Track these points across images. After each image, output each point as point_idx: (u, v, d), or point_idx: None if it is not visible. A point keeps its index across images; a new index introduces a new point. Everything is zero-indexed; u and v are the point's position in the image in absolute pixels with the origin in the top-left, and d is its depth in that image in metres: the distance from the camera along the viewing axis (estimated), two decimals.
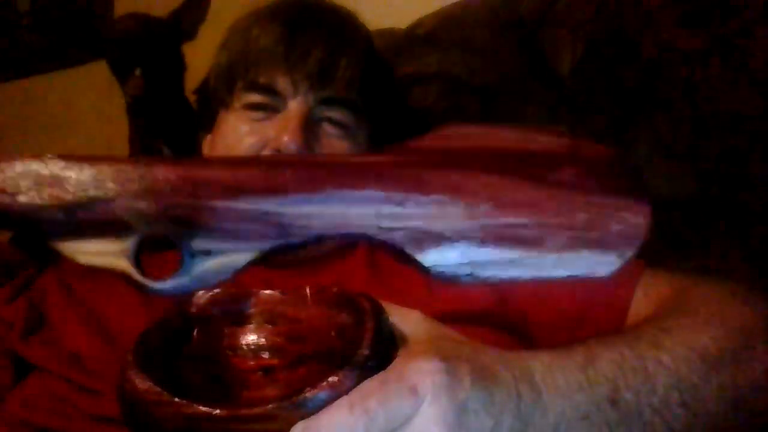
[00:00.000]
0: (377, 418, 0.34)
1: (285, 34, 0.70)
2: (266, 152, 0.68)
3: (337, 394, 0.35)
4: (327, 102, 0.69)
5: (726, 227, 0.71)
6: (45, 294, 0.68)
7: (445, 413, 0.35)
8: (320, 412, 0.34)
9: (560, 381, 0.41)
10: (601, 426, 0.41)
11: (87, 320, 0.65)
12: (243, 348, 0.45)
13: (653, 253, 0.68)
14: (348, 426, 0.34)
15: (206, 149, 0.78)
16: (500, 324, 0.58)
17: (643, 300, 0.59)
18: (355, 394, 0.35)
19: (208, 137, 0.77)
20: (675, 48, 0.75)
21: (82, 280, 0.69)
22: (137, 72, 0.97)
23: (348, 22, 0.75)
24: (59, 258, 0.35)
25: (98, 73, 1.63)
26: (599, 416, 0.41)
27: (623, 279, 0.60)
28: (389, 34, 0.97)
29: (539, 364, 0.41)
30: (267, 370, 0.44)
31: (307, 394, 0.35)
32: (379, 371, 0.36)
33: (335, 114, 0.70)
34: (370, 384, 0.35)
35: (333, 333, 0.44)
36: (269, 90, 0.69)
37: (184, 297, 0.45)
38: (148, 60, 0.98)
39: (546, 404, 0.39)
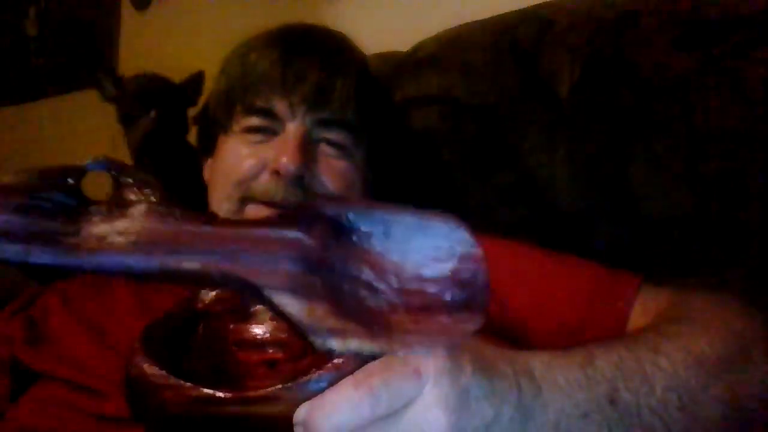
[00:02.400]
0: (381, 397, 0.34)
1: (281, 59, 0.71)
2: (265, 174, 0.69)
3: (342, 375, 0.35)
4: (324, 123, 0.71)
5: (724, 245, 0.71)
6: (47, 311, 0.70)
7: (447, 396, 0.36)
8: (325, 391, 0.35)
9: (560, 379, 0.41)
10: (600, 425, 0.41)
11: (90, 333, 0.66)
12: (248, 343, 0.45)
13: (652, 271, 0.70)
14: (352, 404, 0.34)
15: (207, 174, 0.79)
16: (499, 333, 0.59)
17: (641, 314, 0.60)
18: (359, 374, 0.35)
19: (209, 161, 0.78)
20: (671, 69, 0.76)
21: (85, 295, 0.71)
22: (152, 113, 1.05)
23: (343, 46, 0.77)
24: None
25: None
26: (599, 415, 0.41)
27: (622, 292, 0.61)
28: (390, 57, 0.98)
29: (539, 362, 0.41)
30: (271, 364, 0.44)
31: (312, 376, 0.35)
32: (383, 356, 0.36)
33: (332, 135, 0.71)
34: (374, 365, 0.35)
35: None
36: (267, 113, 0.71)
37: (190, 294, 0.46)
38: (161, 107, 1.07)
39: (546, 401, 0.40)
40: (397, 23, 1.12)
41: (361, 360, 0.36)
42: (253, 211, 0.70)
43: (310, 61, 0.71)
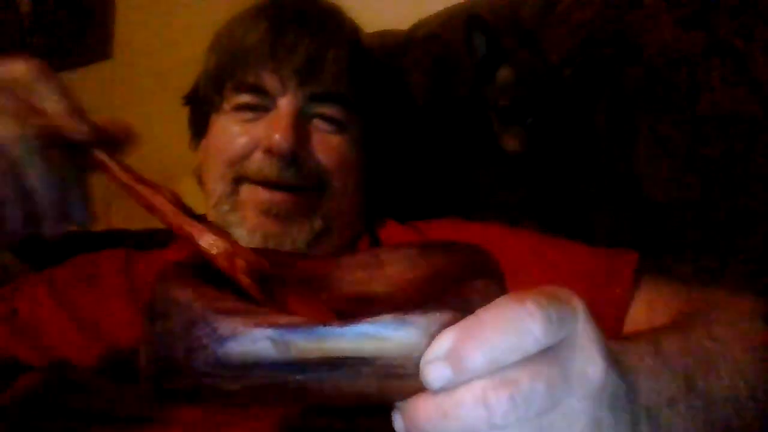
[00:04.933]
0: (552, 315, 0.27)
1: (270, 32, 0.69)
2: (258, 152, 0.68)
3: (485, 301, 0.27)
4: (316, 98, 0.69)
5: (727, 229, 0.71)
6: (33, 301, 0.69)
7: (597, 337, 0.30)
8: (476, 311, 0.27)
9: (637, 361, 0.37)
10: (685, 415, 0.37)
11: (78, 323, 0.65)
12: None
13: (654, 255, 0.69)
14: (522, 320, 0.27)
15: (201, 155, 0.78)
16: None
17: (645, 307, 0.59)
18: (514, 293, 0.28)
19: (203, 142, 0.76)
20: (675, 50, 0.75)
21: (74, 284, 0.70)
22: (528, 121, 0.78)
23: (333, 17, 0.75)
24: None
25: (100, 75, 1.64)
26: (683, 403, 0.37)
27: (619, 277, 0.60)
28: (391, 35, 0.97)
29: (612, 344, 0.35)
30: None
31: (448, 300, 0.27)
32: None
33: (326, 109, 0.70)
34: (525, 291, 0.28)
35: (417, 281, 0.35)
36: (258, 89, 0.69)
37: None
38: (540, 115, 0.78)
39: (636, 382, 0.35)
40: (398, 1, 1.11)
41: (501, 290, 0.29)
42: (248, 192, 0.68)
43: (299, 34, 0.69)
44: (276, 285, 0.34)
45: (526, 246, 0.65)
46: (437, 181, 0.87)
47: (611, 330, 0.57)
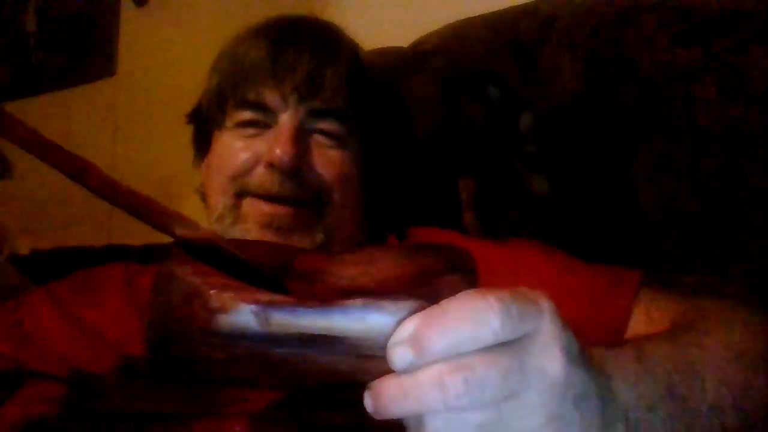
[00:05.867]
0: (511, 310, 0.29)
1: (271, 49, 0.71)
2: (260, 167, 0.69)
3: (453, 294, 0.30)
4: (316, 114, 0.70)
5: (725, 243, 0.71)
6: (35, 311, 0.69)
7: (562, 337, 0.32)
8: (443, 301, 0.29)
9: (620, 369, 0.38)
10: (665, 420, 0.39)
11: (82, 330, 0.66)
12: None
13: (654, 269, 0.69)
14: (480, 315, 0.29)
15: (204, 172, 0.78)
16: None
17: (643, 318, 0.59)
18: (481, 288, 0.30)
19: (206, 160, 0.77)
20: (672, 66, 0.75)
21: (75, 294, 0.71)
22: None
23: (332, 35, 0.76)
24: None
25: (104, 93, 1.66)
26: (663, 410, 0.39)
27: (621, 289, 0.61)
28: (390, 52, 0.98)
29: (595, 352, 0.37)
30: None
31: (421, 289, 0.30)
32: None
33: (326, 125, 0.71)
34: (492, 290, 0.30)
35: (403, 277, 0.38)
36: (259, 106, 0.70)
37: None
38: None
39: (615, 388, 0.37)
40: (398, 18, 1.12)
41: (470, 285, 0.31)
42: (250, 205, 0.69)
43: (299, 51, 0.71)
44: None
45: (530, 260, 0.66)
46: (437, 196, 0.88)
47: (612, 343, 0.57)
